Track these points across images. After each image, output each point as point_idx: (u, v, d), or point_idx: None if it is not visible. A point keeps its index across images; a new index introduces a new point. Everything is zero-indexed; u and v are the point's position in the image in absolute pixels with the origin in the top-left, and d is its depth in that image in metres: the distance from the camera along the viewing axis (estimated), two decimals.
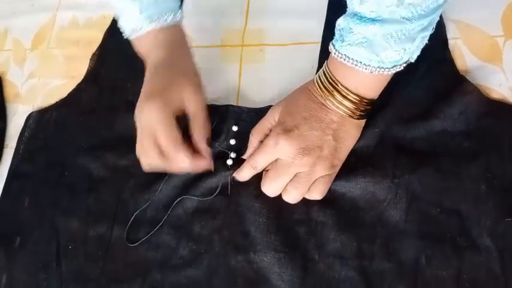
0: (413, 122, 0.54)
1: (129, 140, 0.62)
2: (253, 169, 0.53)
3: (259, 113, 0.57)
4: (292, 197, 0.52)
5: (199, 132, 0.52)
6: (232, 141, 0.58)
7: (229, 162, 0.56)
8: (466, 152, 0.51)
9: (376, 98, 0.51)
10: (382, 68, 0.46)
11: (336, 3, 0.62)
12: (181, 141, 0.50)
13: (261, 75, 0.63)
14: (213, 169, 0.54)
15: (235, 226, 0.54)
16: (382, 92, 0.53)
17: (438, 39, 0.58)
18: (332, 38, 0.49)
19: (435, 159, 0.52)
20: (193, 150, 0.52)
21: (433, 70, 0.56)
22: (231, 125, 0.59)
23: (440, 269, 0.48)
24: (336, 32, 0.48)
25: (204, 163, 0.52)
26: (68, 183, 0.62)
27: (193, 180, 0.57)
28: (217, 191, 0.55)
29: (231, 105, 0.60)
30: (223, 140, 0.58)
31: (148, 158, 0.52)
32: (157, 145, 0.50)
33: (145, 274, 0.54)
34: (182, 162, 0.50)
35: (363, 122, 0.52)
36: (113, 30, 0.71)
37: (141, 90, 0.53)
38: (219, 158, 0.57)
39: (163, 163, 0.51)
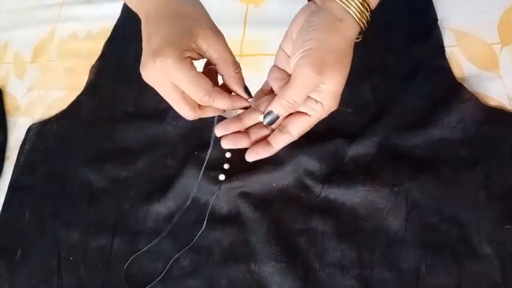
0: (411, 130, 0.54)
1: (129, 151, 0.62)
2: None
3: None
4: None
5: (232, 75, 0.44)
6: (228, 155, 0.58)
7: (222, 177, 0.56)
8: (465, 159, 0.52)
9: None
10: None
11: None
12: (212, 87, 0.42)
13: (259, 85, 0.63)
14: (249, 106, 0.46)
15: (235, 236, 0.54)
16: (380, 100, 0.53)
17: (435, 48, 0.58)
18: None
19: (434, 167, 0.52)
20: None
21: (431, 78, 0.56)
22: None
23: (440, 277, 0.48)
24: None
25: (242, 102, 0.45)
26: (69, 195, 0.62)
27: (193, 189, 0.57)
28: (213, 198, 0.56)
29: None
30: (219, 153, 0.58)
31: (183, 113, 0.44)
32: (187, 99, 0.43)
33: (146, 285, 0.54)
34: (221, 107, 0.44)
35: (352, 42, 0.44)
36: (112, 43, 0.72)
37: (143, 48, 0.43)
38: (210, 170, 0.57)
39: (200, 113, 0.44)
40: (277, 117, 0.43)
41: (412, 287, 0.48)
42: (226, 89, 0.45)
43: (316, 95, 0.42)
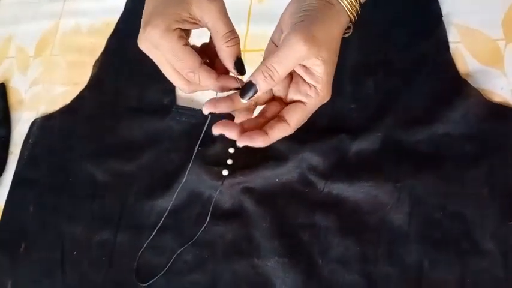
0: (415, 126, 0.54)
1: (132, 146, 0.62)
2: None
3: None
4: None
5: (222, 49, 0.41)
6: (231, 150, 0.58)
7: (225, 172, 0.56)
8: (469, 155, 0.52)
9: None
10: None
11: None
12: (199, 65, 0.41)
13: None
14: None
15: (238, 231, 0.54)
16: (384, 96, 0.52)
17: (439, 43, 0.58)
18: None
19: (438, 163, 0.52)
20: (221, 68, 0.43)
21: (435, 74, 0.56)
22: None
23: (443, 272, 0.48)
24: None
25: (232, 82, 0.42)
26: (72, 190, 0.62)
27: (196, 186, 0.57)
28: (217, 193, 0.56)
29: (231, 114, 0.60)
30: (222, 149, 0.58)
31: (177, 85, 0.44)
32: (179, 73, 0.42)
33: (150, 279, 0.54)
34: (207, 86, 0.42)
35: (342, 31, 0.42)
36: (116, 37, 0.72)
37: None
38: (214, 165, 0.57)
39: (195, 87, 0.43)
40: (256, 92, 0.39)
41: (415, 282, 0.48)
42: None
43: (309, 78, 0.40)
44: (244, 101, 0.40)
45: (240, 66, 0.42)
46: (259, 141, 0.40)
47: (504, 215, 0.48)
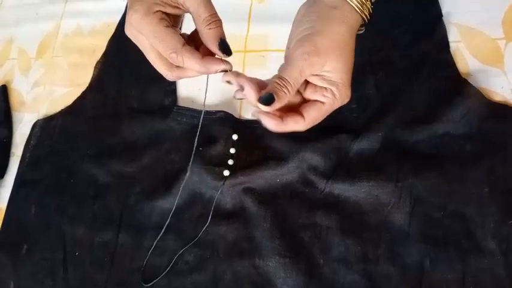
0: (416, 126, 0.54)
1: (133, 146, 0.63)
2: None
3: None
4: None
5: (205, 32, 0.41)
6: (232, 150, 0.58)
7: (226, 173, 0.57)
8: (469, 155, 0.52)
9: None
10: None
11: None
12: (181, 46, 0.40)
13: None
14: (231, 68, 0.43)
15: (240, 231, 0.54)
16: (384, 95, 0.52)
17: (440, 43, 0.58)
18: None
19: (438, 162, 0.52)
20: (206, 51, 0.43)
21: (435, 73, 0.56)
22: (230, 133, 0.59)
23: (444, 272, 0.48)
24: None
25: (218, 64, 0.42)
26: (74, 190, 0.62)
27: (198, 186, 0.57)
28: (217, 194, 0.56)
29: (231, 115, 0.61)
30: (223, 149, 0.59)
31: (161, 72, 0.44)
32: (163, 58, 0.42)
33: (151, 280, 0.54)
34: (192, 69, 0.42)
35: (353, 30, 0.43)
36: (117, 38, 0.72)
37: None
38: (215, 166, 0.57)
39: (178, 73, 0.43)
40: (274, 100, 0.39)
41: (416, 281, 0.48)
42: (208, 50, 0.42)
43: (322, 82, 0.41)
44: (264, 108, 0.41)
45: (224, 47, 0.42)
46: (271, 123, 0.41)
47: (505, 214, 0.48)
